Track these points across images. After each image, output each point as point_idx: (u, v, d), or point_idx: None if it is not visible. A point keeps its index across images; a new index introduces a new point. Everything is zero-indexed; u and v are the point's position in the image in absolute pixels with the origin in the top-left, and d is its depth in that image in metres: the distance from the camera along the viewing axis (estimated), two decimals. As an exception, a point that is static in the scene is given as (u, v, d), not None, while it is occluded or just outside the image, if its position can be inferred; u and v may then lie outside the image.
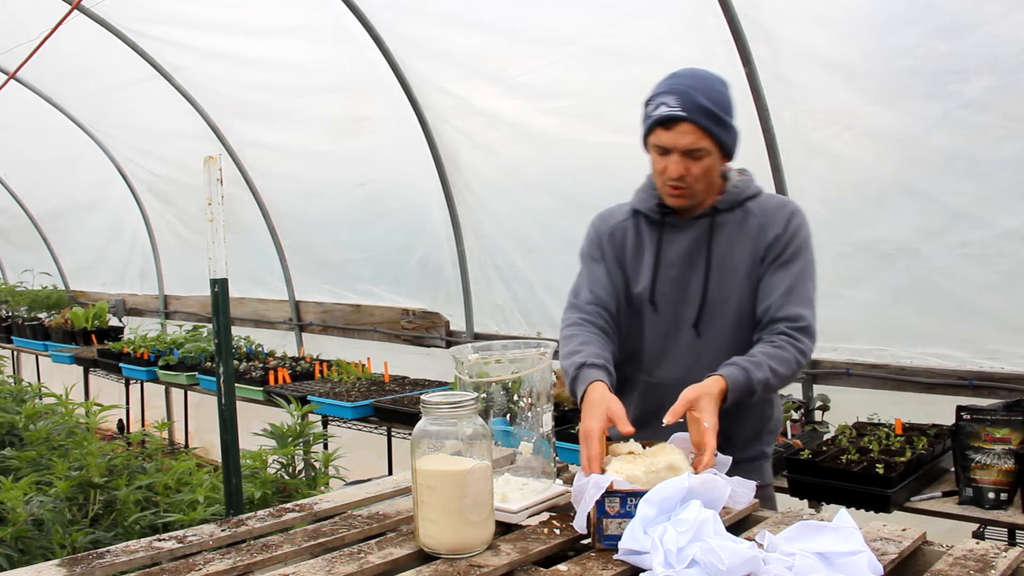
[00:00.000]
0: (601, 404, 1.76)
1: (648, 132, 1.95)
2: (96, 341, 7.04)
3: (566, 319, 2.09)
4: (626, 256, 2.10)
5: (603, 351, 1.97)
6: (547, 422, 1.68)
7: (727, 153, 1.97)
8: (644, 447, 1.70)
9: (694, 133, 1.88)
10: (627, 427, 1.69)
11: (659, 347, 2.06)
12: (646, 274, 2.05)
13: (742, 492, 1.59)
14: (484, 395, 1.63)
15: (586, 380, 1.87)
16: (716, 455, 1.69)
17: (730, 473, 1.65)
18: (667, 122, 1.89)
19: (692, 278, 2.01)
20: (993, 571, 1.28)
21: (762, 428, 2.08)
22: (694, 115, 1.87)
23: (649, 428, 2.01)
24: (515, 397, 1.65)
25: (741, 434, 2.01)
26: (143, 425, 6.83)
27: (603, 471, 1.60)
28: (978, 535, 2.62)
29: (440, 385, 4.72)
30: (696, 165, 1.91)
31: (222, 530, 1.55)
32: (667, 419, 1.68)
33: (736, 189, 2.02)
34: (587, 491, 1.46)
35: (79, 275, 8.91)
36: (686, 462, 1.59)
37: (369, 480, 1.99)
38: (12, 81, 6.16)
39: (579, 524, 1.48)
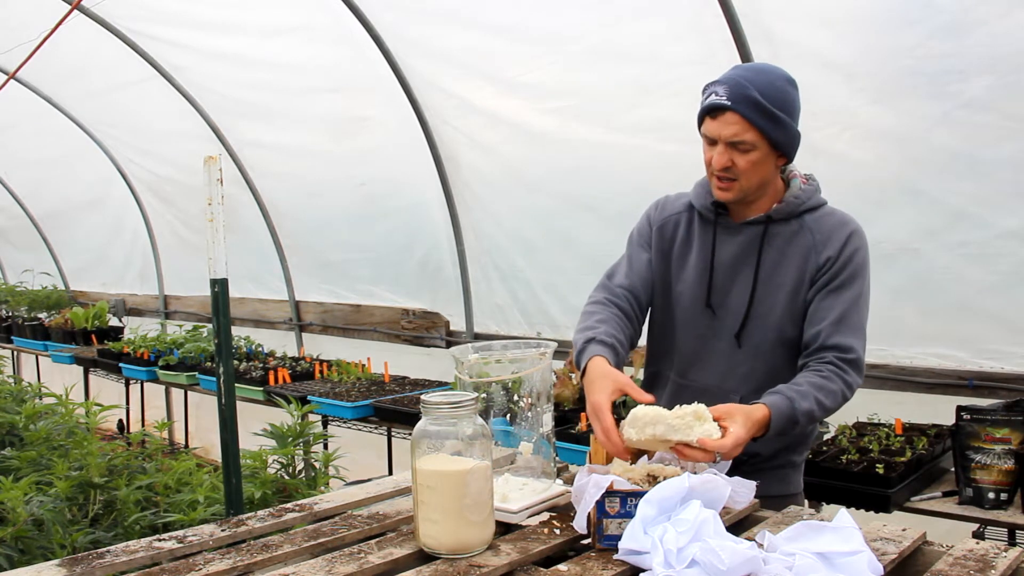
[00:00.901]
0: (606, 378, 1.75)
1: (700, 122, 1.92)
2: (96, 341, 7.04)
3: (592, 297, 2.07)
4: (673, 251, 2.05)
5: (617, 332, 1.93)
6: (547, 422, 1.68)
7: (781, 151, 1.91)
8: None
9: (739, 124, 1.84)
10: (644, 395, 1.68)
11: (694, 350, 2.01)
12: (693, 276, 2.00)
13: (742, 492, 1.59)
14: (484, 395, 1.63)
15: (588, 355, 1.85)
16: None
17: (758, 481, 1.65)
18: (713, 111, 1.86)
19: (736, 287, 1.96)
20: (993, 571, 1.28)
21: (793, 440, 2.02)
22: (739, 106, 1.83)
23: None
24: (515, 397, 1.65)
25: (768, 443, 1.94)
26: (143, 425, 6.83)
27: (623, 440, 1.62)
28: (978, 535, 2.62)
29: (440, 385, 4.72)
30: (742, 158, 1.86)
31: (222, 530, 1.55)
32: None
33: (796, 199, 1.95)
34: (587, 491, 1.46)
35: (79, 275, 8.91)
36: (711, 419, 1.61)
37: (369, 480, 1.99)
38: (12, 81, 6.17)
39: (579, 524, 1.48)
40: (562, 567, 1.35)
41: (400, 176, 5.16)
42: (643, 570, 1.31)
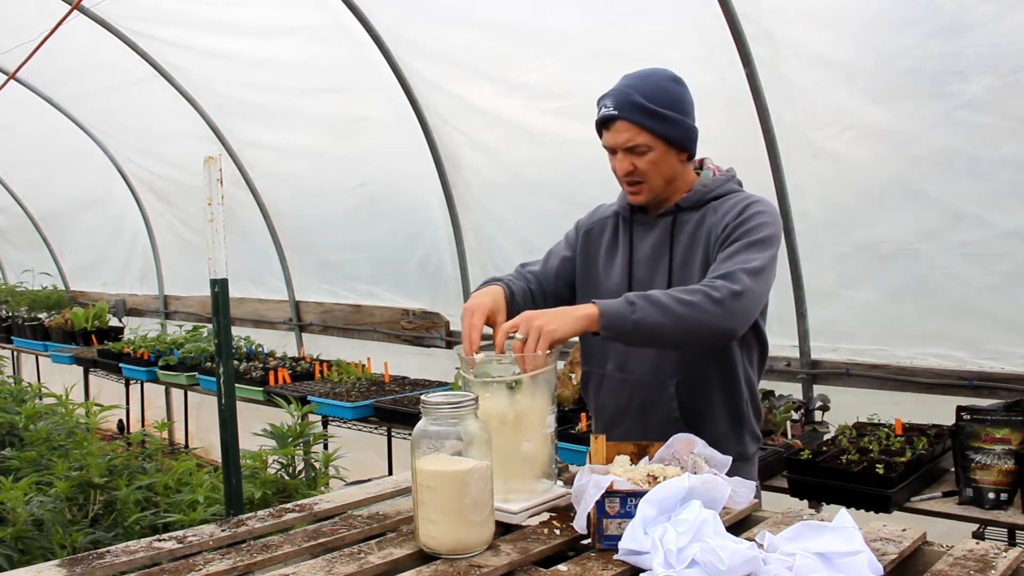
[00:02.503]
0: (494, 295, 1.87)
1: (599, 135, 2.01)
2: (96, 341, 7.04)
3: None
4: (600, 253, 2.13)
5: (515, 284, 2.04)
6: (550, 423, 1.68)
7: (678, 146, 1.96)
8: (636, 448, 1.71)
9: (629, 130, 1.93)
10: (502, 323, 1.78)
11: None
12: (618, 273, 2.07)
13: (742, 492, 1.59)
14: (488, 395, 1.63)
15: (487, 283, 2.00)
16: (716, 454, 1.69)
17: None
18: (605, 123, 1.96)
19: (657, 278, 2.02)
20: (993, 571, 1.28)
21: (735, 425, 2.02)
22: (625, 113, 1.92)
23: (624, 424, 2.05)
24: (516, 395, 1.65)
25: (711, 430, 1.96)
26: (143, 425, 6.84)
27: (478, 346, 1.71)
28: (978, 535, 2.62)
29: (440, 385, 4.72)
30: (640, 160, 1.95)
31: (222, 530, 1.55)
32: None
33: (703, 188, 2.01)
34: (587, 491, 1.46)
35: (79, 275, 8.91)
36: None
37: (369, 480, 2.00)
38: (12, 81, 6.16)
39: (579, 524, 1.48)
40: (562, 567, 1.35)
41: (400, 176, 5.16)
42: (643, 570, 1.31)
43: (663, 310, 1.74)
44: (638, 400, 2.02)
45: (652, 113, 1.91)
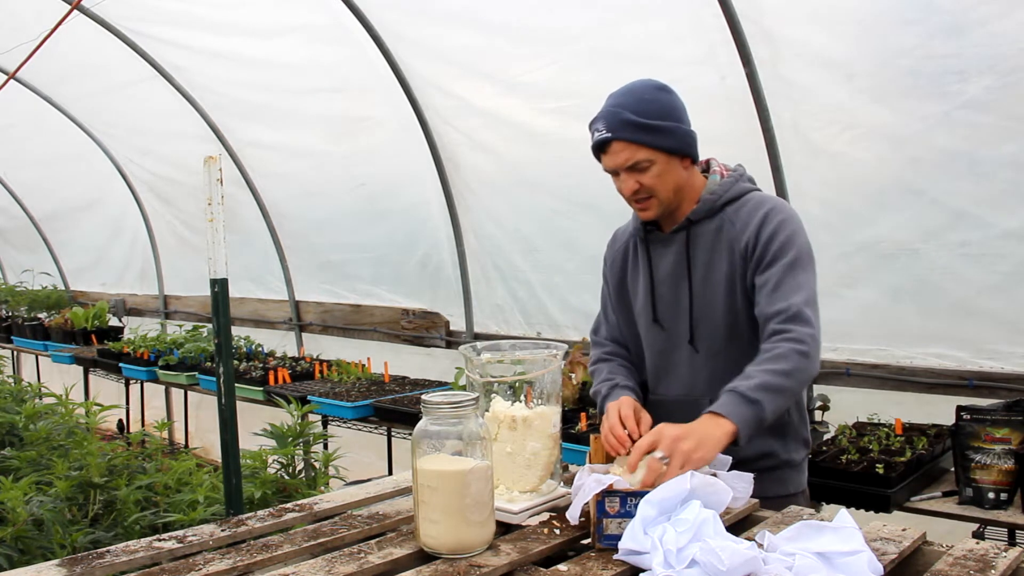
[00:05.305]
0: (628, 407, 1.86)
1: (598, 160, 1.98)
2: (96, 341, 7.04)
3: (592, 355, 2.20)
4: (626, 278, 2.14)
5: (629, 380, 2.07)
6: (555, 423, 1.68)
7: (678, 154, 1.94)
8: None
9: (626, 150, 1.89)
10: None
11: (659, 364, 2.07)
12: (642, 294, 2.07)
13: (741, 487, 1.59)
14: (494, 395, 1.63)
15: (617, 395, 1.96)
16: (717, 456, 1.69)
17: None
18: (602, 147, 1.93)
19: (680, 294, 2.01)
20: (993, 571, 1.28)
21: (779, 435, 1.98)
22: (619, 133, 1.88)
23: None
24: (521, 397, 1.66)
25: (755, 444, 1.89)
26: (143, 425, 6.84)
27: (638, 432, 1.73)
28: (978, 535, 2.62)
29: (440, 385, 4.72)
30: (644, 176, 1.92)
31: (222, 530, 1.55)
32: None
33: (712, 196, 1.98)
34: (586, 484, 1.46)
35: (79, 275, 8.92)
36: None
37: (369, 480, 2.00)
38: (12, 81, 6.17)
39: (572, 515, 1.48)
40: (562, 567, 1.35)
41: (400, 176, 5.16)
42: (643, 570, 1.31)
43: (781, 393, 1.76)
44: (673, 421, 1.95)
45: (645, 127, 1.88)
